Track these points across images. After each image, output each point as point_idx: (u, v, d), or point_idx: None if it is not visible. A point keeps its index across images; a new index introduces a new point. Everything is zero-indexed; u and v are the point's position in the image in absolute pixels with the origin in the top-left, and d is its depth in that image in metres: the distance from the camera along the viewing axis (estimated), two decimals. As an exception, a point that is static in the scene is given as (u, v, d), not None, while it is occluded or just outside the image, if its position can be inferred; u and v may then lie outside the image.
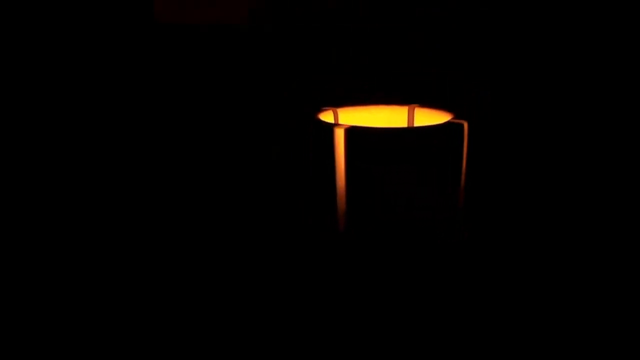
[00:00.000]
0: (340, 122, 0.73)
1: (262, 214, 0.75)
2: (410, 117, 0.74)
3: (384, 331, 0.58)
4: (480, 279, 0.65)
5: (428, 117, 0.72)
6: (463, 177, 0.65)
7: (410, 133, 0.63)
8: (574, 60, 0.81)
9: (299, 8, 0.83)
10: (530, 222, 0.74)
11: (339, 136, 0.61)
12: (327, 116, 0.72)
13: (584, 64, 0.81)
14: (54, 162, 0.87)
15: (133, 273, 0.69)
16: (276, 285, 0.65)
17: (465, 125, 0.64)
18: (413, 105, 0.74)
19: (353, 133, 0.61)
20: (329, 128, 0.62)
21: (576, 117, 0.82)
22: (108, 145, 0.87)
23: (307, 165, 0.68)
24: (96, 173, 0.85)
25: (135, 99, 0.88)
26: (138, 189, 0.82)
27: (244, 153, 0.85)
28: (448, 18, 0.81)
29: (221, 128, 0.90)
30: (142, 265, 0.70)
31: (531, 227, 0.73)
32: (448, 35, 0.82)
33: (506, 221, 0.75)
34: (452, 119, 0.65)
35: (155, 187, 0.82)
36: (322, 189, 0.64)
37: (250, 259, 0.69)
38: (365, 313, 0.60)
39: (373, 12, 0.82)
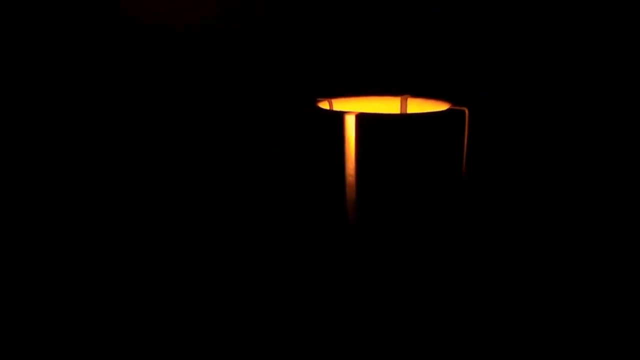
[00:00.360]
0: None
1: (265, 210, 0.73)
2: (403, 107, 0.75)
3: (394, 328, 0.58)
4: (483, 275, 0.66)
5: (421, 107, 0.74)
6: (464, 163, 0.66)
7: (421, 119, 0.64)
8: (574, 60, 0.83)
9: (296, 7, 0.82)
10: (531, 218, 0.76)
11: (349, 123, 0.61)
12: (323, 106, 0.71)
13: (585, 64, 0.83)
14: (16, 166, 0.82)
15: (133, 275, 0.66)
16: (286, 282, 0.64)
17: (467, 111, 0.66)
18: (406, 95, 0.75)
19: (364, 119, 0.61)
20: (338, 115, 0.62)
21: (577, 117, 0.83)
22: (101, 147, 0.83)
23: (306, 158, 0.67)
24: (71, 178, 0.81)
25: (129, 100, 0.85)
26: (131, 195, 0.78)
27: (240, 153, 0.82)
28: (448, 18, 0.82)
29: (215, 129, 0.88)
30: (142, 267, 0.67)
31: (532, 224, 0.75)
32: (448, 35, 0.82)
33: (507, 218, 0.76)
34: (453, 105, 0.67)
35: (149, 191, 0.79)
36: (327, 179, 0.64)
37: (255, 256, 0.67)
38: (375, 308, 0.60)
39: (373, 12, 0.83)
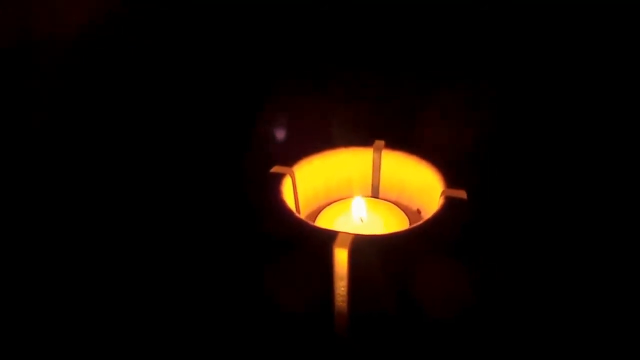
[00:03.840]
0: (297, 182, 0.59)
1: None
2: (377, 159, 0.61)
3: None
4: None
5: (397, 161, 0.61)
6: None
7: (418, 234, 0.51)
8: (576, 61, 0.76)
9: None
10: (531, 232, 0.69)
11: (341, 259, 0.48)
12: (286, 182, 0.56)
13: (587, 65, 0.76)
14: None
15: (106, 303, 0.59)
16: None
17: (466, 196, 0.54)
18: (379, 144, 0.61)
19: (358, 247, 0.48)
20: (327, 244, 0.49)
21: (579, 119, 0.78)
22: None
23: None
24: None
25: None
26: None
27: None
28: (448, 18, 0.73)
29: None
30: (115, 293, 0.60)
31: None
32: (448, 34, 0.73)
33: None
34: (449, 189, 0.55)
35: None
36: (312, 294, 0.53)
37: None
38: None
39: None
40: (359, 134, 0.61)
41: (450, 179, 0.56)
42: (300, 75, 0.90)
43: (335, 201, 0.62)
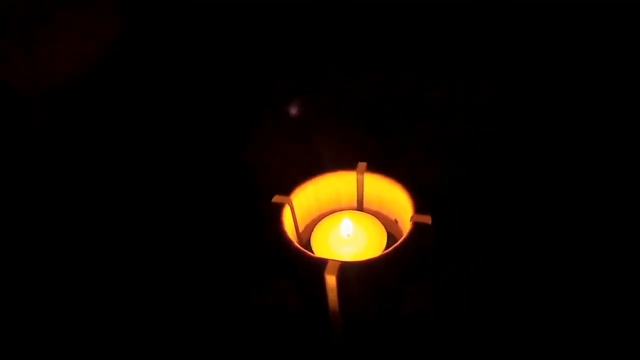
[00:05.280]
0: (295, 203, 0.72)
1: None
2: (360, 179, 0.74)
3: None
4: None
5: (377, 183, 0.73)
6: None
7: (396, 256, 0.65)
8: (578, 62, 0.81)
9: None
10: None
11: (331, 282, 0.63)
12: (285, 210, 0.70)
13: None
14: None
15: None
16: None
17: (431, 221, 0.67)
18: (362, 167, 0.73)
19: (344, 272, 0.62)
20: (319, 265, 0.63)
21: (581, 120, 0.82)
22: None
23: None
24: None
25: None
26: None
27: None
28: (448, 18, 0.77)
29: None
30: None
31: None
32: (448, 34, 0.78)
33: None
34: (416, 215, 0.68)
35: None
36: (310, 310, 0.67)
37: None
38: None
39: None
40: (346, 155, 0.73)
41: (418, 203, 0.69)
42: (297, 81, 0.95)
43: (327, 213, 0.76)
